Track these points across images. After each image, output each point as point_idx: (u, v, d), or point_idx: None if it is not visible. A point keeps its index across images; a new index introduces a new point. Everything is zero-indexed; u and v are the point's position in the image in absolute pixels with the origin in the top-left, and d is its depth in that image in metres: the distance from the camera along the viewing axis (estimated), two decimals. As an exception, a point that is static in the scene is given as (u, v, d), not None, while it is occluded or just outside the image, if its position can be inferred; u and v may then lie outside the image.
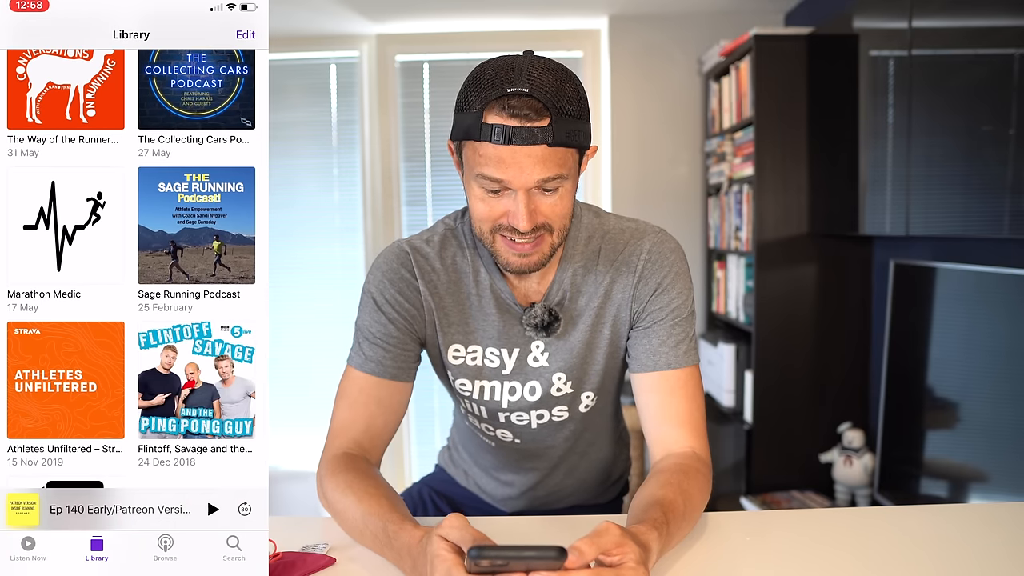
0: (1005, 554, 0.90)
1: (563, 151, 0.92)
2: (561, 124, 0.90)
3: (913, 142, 2.01)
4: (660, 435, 1.05)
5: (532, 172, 0.91)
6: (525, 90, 0.89)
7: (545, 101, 0.89)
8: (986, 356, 1.91)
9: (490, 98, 0.90)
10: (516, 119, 0.89)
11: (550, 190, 0.94)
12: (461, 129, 0.94)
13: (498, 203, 0.95)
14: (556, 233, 0.98)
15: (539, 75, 0.91)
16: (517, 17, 3.40)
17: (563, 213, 0.97)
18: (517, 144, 0.89)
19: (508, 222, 0.95)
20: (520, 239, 0.96)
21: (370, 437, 1.05)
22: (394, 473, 3.67)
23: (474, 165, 0.94)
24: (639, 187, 3.42)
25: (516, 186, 0.92)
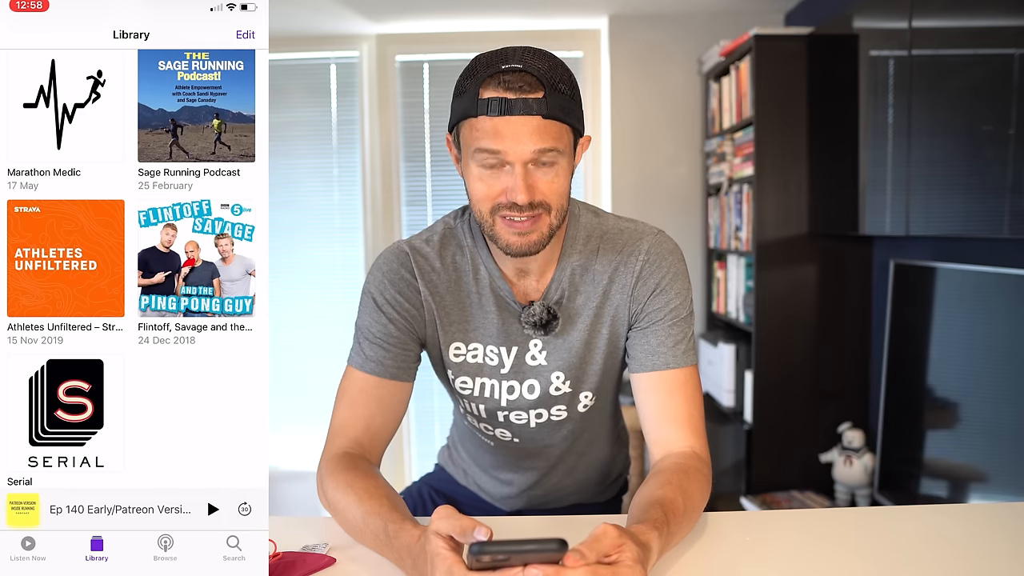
0: (1005, 554, 0.90)
1: (558, 126, 0.95)
2: (555, 99, 0.93)
3: (913, 142, 2.01)
4: (660, 435, 1.05)
5: (528, 142, 0.93)
6: (519, 66, 0.93)
7: (539, 76, 0.93)
8: (986, 356, 1.91)
9: (486, 75, 0.94)
10: (511, 91, 0.92)
11: (546, 163, 0.96)
12: (458, 112, 0.97)
13: (496, 181, 0.97)
14: (554, 213, 0.99)
15: (532, 57, 0.95)
16: (517, 17, 3.40)
17: (560, 192, 0.99)
18: (513, 115, 0.92)
19: (507, 199, 0.96)
20: (519, 216, 0.97)
21: (370, 437, 1.06)
22: (394, 473, 3.67)
23: (471, 142, 0.96)
24: (639, 187, 3.42)
25: (513, 157, 0.94)
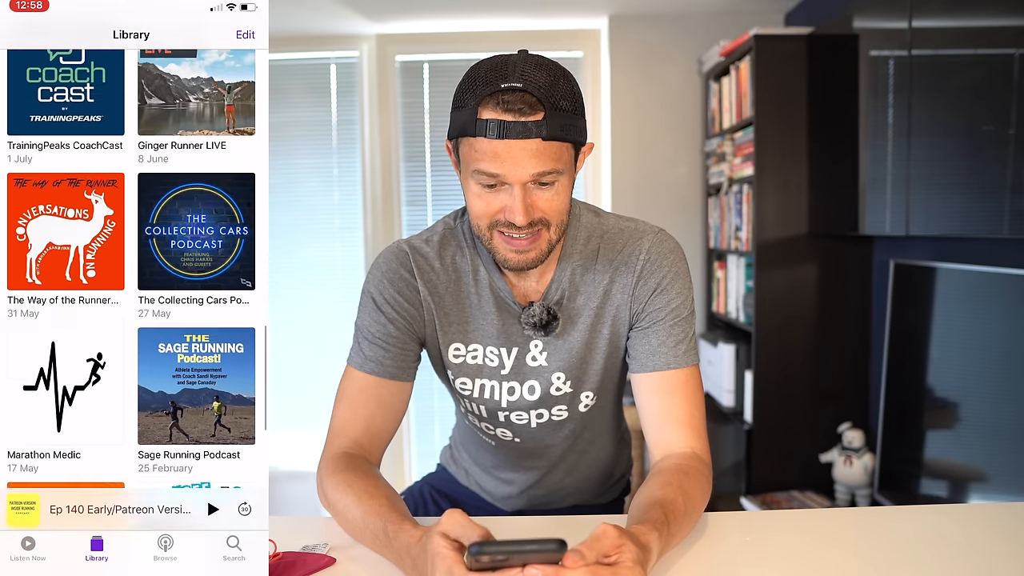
0: (1005, 554, 0.90)
1: (558, 146, 0.93)
2: (555, 118, 0.92)
3: (913, 142, 2.01)
4: (660, 435, 1.05)
5: (527, 166, 0.92)
6: (519, 85, 0.91)
7: (539, 96, 0.91)
8: (986, 356, 1.91)
9: (484, 94, 0.92)
10: (510, 114, 0.90)
11: (546, 184, 0.95)
12: (457, 126, 0.96)
13: (495, 199, 0.96)
14: (553, 228, 0.99)
15: (533, 71, 0.92)
16: (517, 17, 3.40)
17: (559, 208, 0.98)
18: (511, 138, 0.91)
19: (505, 217, 0.96)
20: (517, 234, 0.97)
21: (370, 437, 1.06)
22: (394, 473, 3.67)
23: (470, 161, 0.95)
24: (639, 187, 3.42)
25: (511, 180, 0.93)
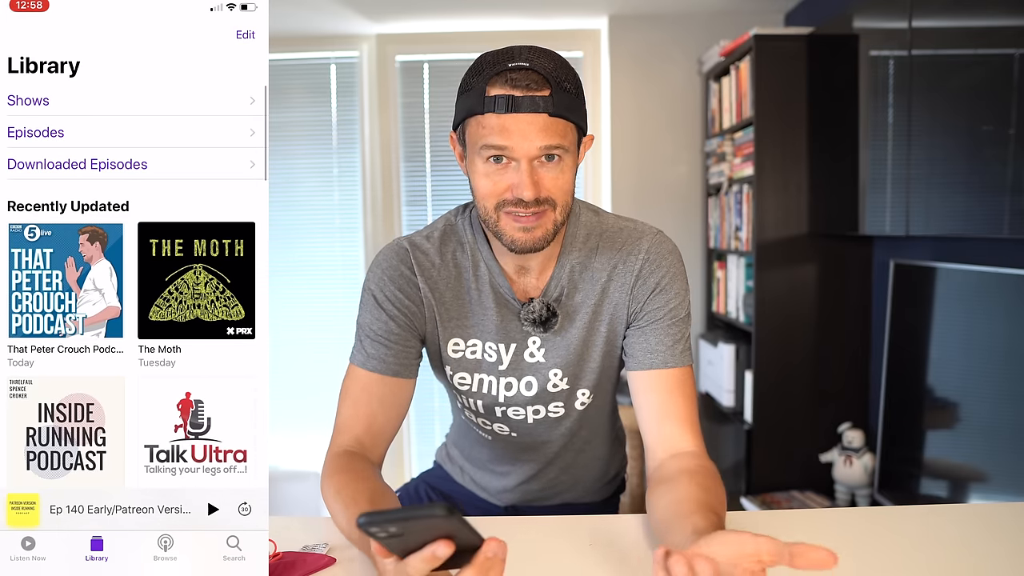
0: (1005, 554, 0.90)
1: (563, 124, 0.96)
2: (561, 97, 0.95)
3: (913, 142, 2.01)
4: (662, 433, 1.04)
5: (535, 139, 0.94)
6: (526, 64, 0.94)
7: (545, 74, 0.94)
8: (986, 356, 1.91)
9: (492, 74, 0.95)
10: (518, 89, 0.94)
11: (552, 158, 0.97)
12: (463, 109, 0.98)
13: (502, 177, 0.97)
14: (559, 209, 1.00)
15: (538, 56, 0.96)
16: (517, 17, 3.40)
17: (565, 188, 1.00)
18: (520, 112, 0.93)
19: (513, 195, 0.97)
20: (524, 211, 0.98)
21: (372, 435, 1.06)
22: (394, 472, 3.67)
23: (478, 139, 0.97)
24: (639, 187, 3.42)
25: (519, 154, 0.95)
